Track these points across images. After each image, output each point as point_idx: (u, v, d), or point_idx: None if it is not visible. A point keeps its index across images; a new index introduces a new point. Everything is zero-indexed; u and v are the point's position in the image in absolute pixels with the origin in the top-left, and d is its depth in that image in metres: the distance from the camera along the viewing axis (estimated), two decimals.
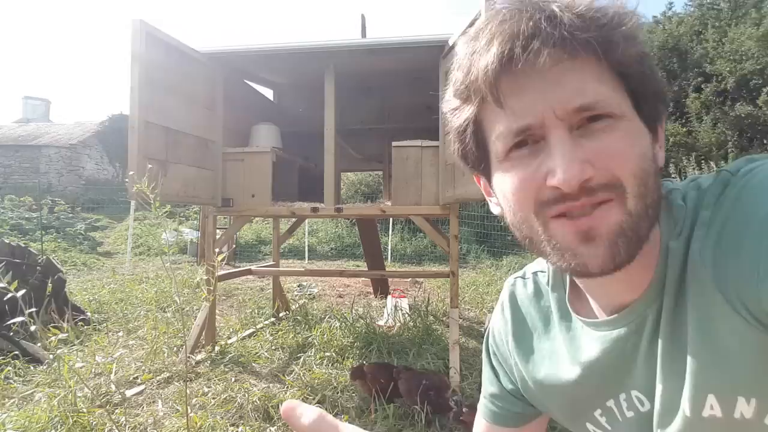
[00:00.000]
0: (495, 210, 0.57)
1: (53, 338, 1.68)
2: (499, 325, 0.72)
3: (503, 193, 0.51)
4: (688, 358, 0.46)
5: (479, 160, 0.53)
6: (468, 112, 0.50)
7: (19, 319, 1.62)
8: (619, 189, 0.44)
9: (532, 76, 0.44)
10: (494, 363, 0.74)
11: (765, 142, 9.61)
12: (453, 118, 0.52)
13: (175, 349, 3.30)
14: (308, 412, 0.32)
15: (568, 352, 0.60)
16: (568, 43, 0.42)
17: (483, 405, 0.76)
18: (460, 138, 0.53)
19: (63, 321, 3.25)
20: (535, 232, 0.49)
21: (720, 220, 0.44)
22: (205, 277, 2.75)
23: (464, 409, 2.10)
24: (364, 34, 4.48)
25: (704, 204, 0.47)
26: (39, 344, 3.02)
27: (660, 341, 0.49)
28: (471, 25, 2.50)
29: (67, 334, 1.85)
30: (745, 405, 0.44)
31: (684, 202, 0.50)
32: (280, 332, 3.71)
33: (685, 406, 0.47)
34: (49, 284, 2.84)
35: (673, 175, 7.43)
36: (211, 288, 2.34)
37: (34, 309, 1.68)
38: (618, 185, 0.44)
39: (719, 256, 0.43)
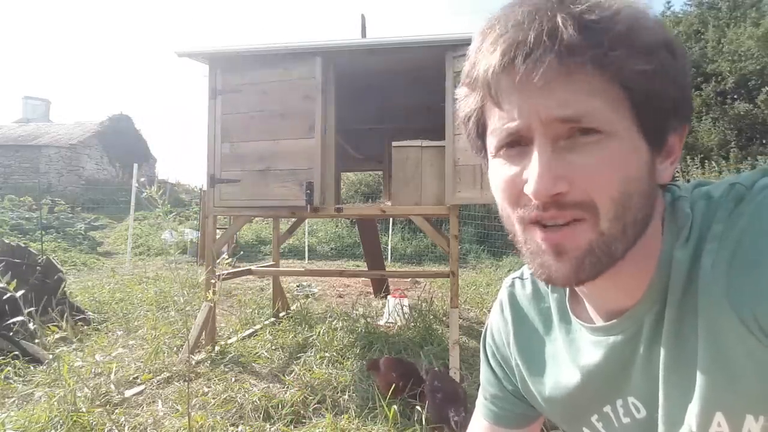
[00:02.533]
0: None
1: (52, 336, 1.68)
2: (499, 325, 0.72)
3: (493, 185, 0.52)
4: (698, 375, 0.46)
5: (480, 150, 0.55)
6: (473, 102, 0.51)
7: (19, 318, 1.62)
8: (592, 210, 0.44)
9: (528, 82, 0.44)
10: (494, 364, 0.73)
11: (764, 141, 9.61)
12: (461, 104, 0.54)
13: (175, 349, 3.30)
14: None
15: (568, 355, 0.60)
16: (565, 58, 0.42)
17: (484, 406, 0.75)
18: (465, 125, 0.55)
19: (63, 320, 3.26)
20: (516, 231, 0.51)
21: (735, 237, 0.44)
22: (209, 278, 2.76)
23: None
24: (364, 34, 4.48)
25: (717, 218, 0.46)
26: (38, 343, 3.02)
27: (663, 351, 0.49)
28: None
29: (65, 333, 1.85)
30: (753, 423, 0.44)
31: (691, 211, 0.49)
32: (280, 332, 3.71)
33: (691, 422, 0.47)
34: (61, 286, 2.83)
35: (675, 176, 7.42)
36: (214, 289, 2.34)
37: (33, 308, 1.69)
38: (591, 206, 0.44)
39: (734, 274, 0.43)
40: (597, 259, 0.45)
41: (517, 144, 0.47)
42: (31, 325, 1.59)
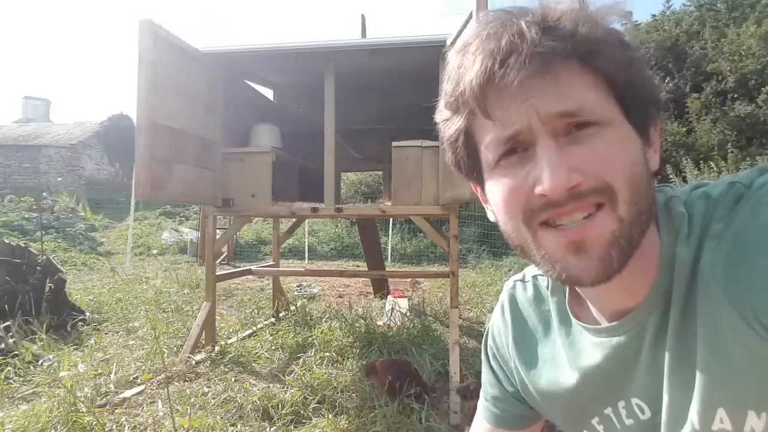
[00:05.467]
0: (491, 217, 0.57)
1: (28, 353, 1.68)
2: (499, 327, 0.72)
3: (495, 201, 0.51)
4: (698, 372, 0.46)
5: (471, 169, 0.54)
6: (458, 123, 0.51)
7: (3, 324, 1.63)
8: (611, 194, 0.44)
9: (516, 87, 0.44)
10: (494, 366, 0.74)
11: (764, 141, 9.60)
12: (444, 128, 0.53)
13: (175, 349, 3.30)
14: None
15: (567, 357, 0.60)
16: (545, 58, 0.43)
17: (484, 407, 0.76)
18: (452, 147, 0.54)
19: (61, 321, 3.26)
20: (525, 241, 0.49)
21: (732, 234, 0.44)
22: (209, 278, 2.76)
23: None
24: (364, 34, 4.48)
25: (716, 216, 0.46)
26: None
27: (667, 352, 0.49)
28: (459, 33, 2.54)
29: (40, 346, 1.85)
30: (756, 419, 0.44)
31: (687, 210, 0.49)
32: (280, 332, 3.71)
33: (693, 419, 0.47)
34: (49, 284, 2.84)
35: (671, 177, 7.38)
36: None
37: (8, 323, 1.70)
38: (609, 190, 0.44)
39: (731, 270, 0.43)
40: (621, 248, 0.45)
41: (514, 151, 0.47)
42: (9, 338, 1.60)
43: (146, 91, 2.62)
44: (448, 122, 0.52)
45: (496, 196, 0.51)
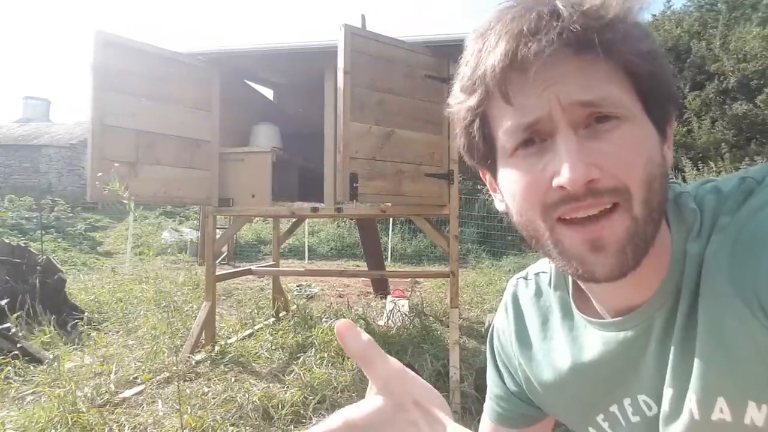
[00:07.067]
0: (500, 207, 0.56)
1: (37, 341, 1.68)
2: (503, 325, 0.72)
3: (510, 192, 0.50)
4: (698, 359, 0.45)
5: (485, 156, 0.52)
6: (475, 106, 0.49)
7: (5, 325, 1.64)
8: (626, 195, 0.44)
9: (539, 72, 0.43)
10: (499, 364, 0.74)
11: (764, 141, 9.61)
12: (459, 112, 0.52)
13: (175, 349, 3.29)
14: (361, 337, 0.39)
15: (570, 352, 0.60)
16: (572, 40, 0.42)
17: (488, 406, 0.76)
18: (466, 132, 0.52)
19: (61, 320, 3.26)
20: (541, 235, 0.48)
21: (737, 223, 0.44)
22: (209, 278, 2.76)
23: None
24: None
25: (725, 210, 0.46)
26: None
27: (672, 347, 0.49)
28: None
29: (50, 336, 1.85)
30: (756, 411, 0.43)
31: (698, 205, 0.49)
32: (280, 332, 3.71)
33: (693, 408, 0.46)
34: (43, 282, 2.84)
35: (670, 177, 7.38)
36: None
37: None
38: (624, 191, 0.44)
39: (736, 259, 0.43)
40: (636, 246, 0.44)
41: (532, 142, 0.46)
42: (17, 331, 1.61)
43: (94, 96, 2.70)
44: (463, 104, 0.50)
45: (511, 187, 0.49)
